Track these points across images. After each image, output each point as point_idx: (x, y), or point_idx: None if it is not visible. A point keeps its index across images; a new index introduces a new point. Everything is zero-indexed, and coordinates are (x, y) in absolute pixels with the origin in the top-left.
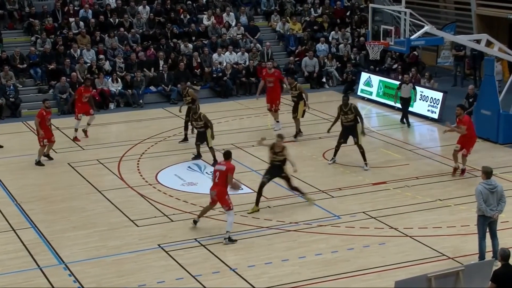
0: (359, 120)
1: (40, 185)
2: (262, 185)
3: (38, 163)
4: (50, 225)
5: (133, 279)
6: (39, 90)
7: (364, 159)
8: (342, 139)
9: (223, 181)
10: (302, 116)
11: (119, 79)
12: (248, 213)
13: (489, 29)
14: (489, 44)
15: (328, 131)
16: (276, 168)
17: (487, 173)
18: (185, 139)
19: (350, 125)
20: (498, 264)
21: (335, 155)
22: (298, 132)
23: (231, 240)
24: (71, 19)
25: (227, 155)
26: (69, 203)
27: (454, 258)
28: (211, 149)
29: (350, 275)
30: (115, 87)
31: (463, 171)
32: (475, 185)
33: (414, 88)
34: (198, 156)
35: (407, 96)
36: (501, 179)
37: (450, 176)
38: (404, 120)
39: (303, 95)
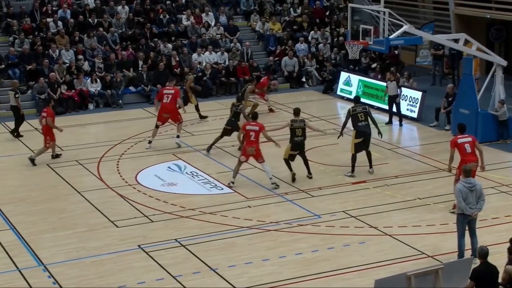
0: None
1: (18, 186)
2: None
3: (33, 161)
4: (29, 226)
5: (113, 280)
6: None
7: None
8: None
9: (257, 139)
10: None
11: (98, 80)
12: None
13: (467, 28)
14: (467, 43)
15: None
16: None
17: (466, 171)
18: None
19: None
20: (477, 262)
21: (370, 165)
22: None
23: (277, 185)
24: (49, 19)
25: (255, 116)
26: (48, 204)
27: (433, 257)
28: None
29: (330, 274)
30: (94, 87)
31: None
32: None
33: (399, 87)
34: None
35: (393, 94)
36: (480, 177)
37: (429, 175)
38: (393, 118)
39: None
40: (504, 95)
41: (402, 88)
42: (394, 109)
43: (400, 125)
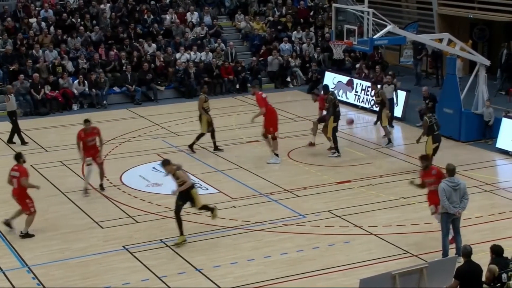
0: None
1: (1, 188)
2: None
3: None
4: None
5: (98, 281)
6: (1, 92)
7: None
8: None
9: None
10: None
11: (85, 82)
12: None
13: (450, 28)
14: (450, 42)
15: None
16: None
17: (450, 170)
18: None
19: None
20: (461, 261)
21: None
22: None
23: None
24: (33, 20)
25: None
26: None
27: (418, 255)
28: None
29: (315, 274)
30: (80, 89)
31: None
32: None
33: (396, 90)
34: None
35: (389, 97)
36: (464, 176)
37: (413, 174)
38: (388, 122)
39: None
40: (487, 94)
41: None
42: None
43: (391, 126)
